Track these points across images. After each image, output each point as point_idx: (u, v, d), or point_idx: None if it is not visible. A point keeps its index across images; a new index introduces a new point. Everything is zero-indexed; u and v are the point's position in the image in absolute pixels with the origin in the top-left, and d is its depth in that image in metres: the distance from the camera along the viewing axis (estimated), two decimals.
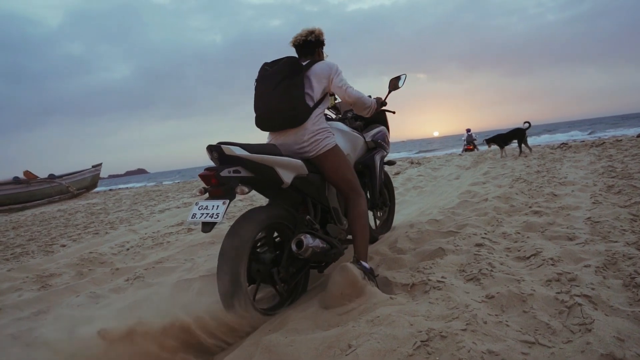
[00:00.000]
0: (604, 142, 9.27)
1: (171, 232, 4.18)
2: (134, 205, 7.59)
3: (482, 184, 5.00)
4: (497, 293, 1.47)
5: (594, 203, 3.00)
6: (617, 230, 2.23)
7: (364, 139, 2.37)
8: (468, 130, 14.74)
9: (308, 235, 1.68)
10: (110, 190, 17.88)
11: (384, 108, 2.40)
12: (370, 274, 1.66)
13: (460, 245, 2.20)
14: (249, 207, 4.92)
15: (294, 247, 1.63)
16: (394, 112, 2.56)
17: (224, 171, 1.47)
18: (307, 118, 1.73)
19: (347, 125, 2.30)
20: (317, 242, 1.71)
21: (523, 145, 8.56)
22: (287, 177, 1.62)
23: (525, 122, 8.49)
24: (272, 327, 1.56)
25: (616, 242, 2.04)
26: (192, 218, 1.49)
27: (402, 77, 2.35)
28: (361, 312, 1.47)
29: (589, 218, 2.54)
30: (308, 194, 1.82)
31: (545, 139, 22.17)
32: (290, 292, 1.80)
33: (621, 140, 9.37)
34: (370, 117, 2.24)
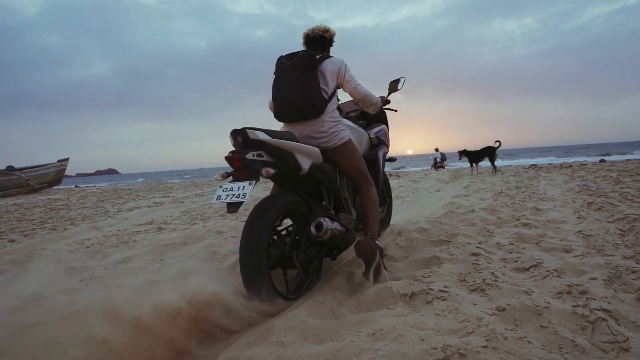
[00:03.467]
0: (571, 165, 9.75)
1: (139, 231, 3.83)
2: (100, 203, 7.05)
3: (464, 196, 4.99)
4: (508, 305, 1.33)
5: (578, 218, 3.00)
6: (610, 244, 2.19)
7: (369, 135, 2.42)
8: (437, 150, 15.26)
9: (327, 219, 1.70)
10: (75, 187, 16.72)
11: (387, 106, 2.54)
12: (380, 250, 1.77)
13: (456, 254, 2.07)
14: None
15: (313, 229, 1.65)
16: (395, 110, 2.67)
17: (249, 154, 1.50)
18: (325, 110, 1.80)
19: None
20: (336, 225, 1.74)
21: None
22: (305, 164, 1.66)
23: (496, 142, 8.85)
24: (252, 339, 1.34)
25: (612, 255, 1.99)
26: (217, 200, 1.51)
27: (402, 80, 2.49)
28: (359, 323, 1.29)
29: (579, 231, 2.51)
30: (322, 182, 1.85)
31: (510, 162, 22.57)
32: (307, 277, 1.82)
33: (586, 164, 9.91)
34: (372, 116, 2.35)
